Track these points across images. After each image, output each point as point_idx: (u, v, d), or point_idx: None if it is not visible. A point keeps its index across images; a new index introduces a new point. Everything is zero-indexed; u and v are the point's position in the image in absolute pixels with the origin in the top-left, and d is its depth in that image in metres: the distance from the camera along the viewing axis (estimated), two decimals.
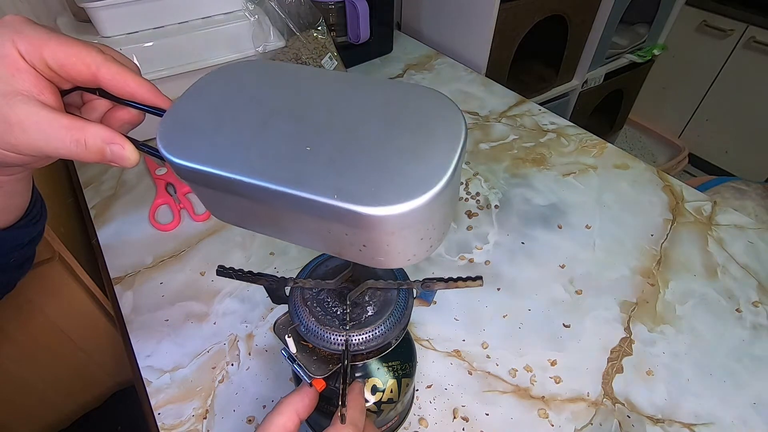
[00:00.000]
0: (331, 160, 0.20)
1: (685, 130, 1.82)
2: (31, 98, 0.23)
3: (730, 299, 0.51)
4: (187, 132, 0.23)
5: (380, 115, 0.22)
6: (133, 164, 0.25)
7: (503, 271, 0.54)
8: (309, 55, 0.70)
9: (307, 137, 0.22)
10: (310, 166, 0.20)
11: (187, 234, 0.58)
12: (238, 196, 0.22)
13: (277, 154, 0.21)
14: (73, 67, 0.24)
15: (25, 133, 0.23)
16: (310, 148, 0.21)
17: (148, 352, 0.46)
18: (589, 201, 0.63)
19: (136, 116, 0.28)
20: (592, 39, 1.15)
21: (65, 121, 0.23)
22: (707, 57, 1.62)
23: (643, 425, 0.41)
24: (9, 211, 0.32)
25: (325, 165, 0.20)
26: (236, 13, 0.70)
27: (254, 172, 0.20)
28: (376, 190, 0.19)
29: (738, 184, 1.11)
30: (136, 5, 0.62)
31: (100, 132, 0.24)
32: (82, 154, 0.24)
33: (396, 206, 0.18)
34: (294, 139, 0.22)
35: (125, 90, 0.25)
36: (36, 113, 0.23)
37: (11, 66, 0.23)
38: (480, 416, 0.42)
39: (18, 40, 0.23)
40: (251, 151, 0.21)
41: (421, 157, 0.20)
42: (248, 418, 0.41)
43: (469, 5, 0.92)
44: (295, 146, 0.21)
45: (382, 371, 0.34)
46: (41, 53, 0.23)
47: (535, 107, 0.81)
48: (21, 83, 0.23)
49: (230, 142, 0.22)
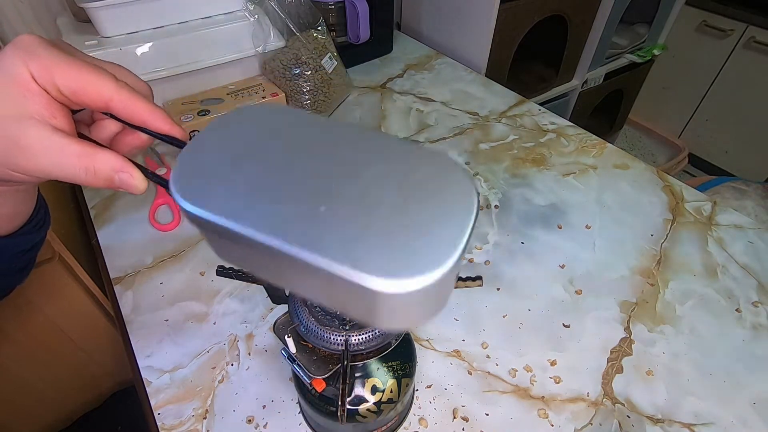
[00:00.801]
0: (344, 225, 0.20)
1: (685, 130, 1.82)
2: (43, 122, 0.23)
3: (730, 299, 0.51)
4: (202, 179, 0.22)
5: (393, 180, 0.22)
6: (141, 192, 0.25)
7: (503, 271, 0.54)
8: (309, 55, 0.70)
9: (322, 197, 0.21)
10: (324, 229, 0.20)
11: (187, 234, 0.58)
12: (247, 248, 0.21)
13: (292, 212, 0.21)
14: (86, 94, 0.23)
15: (36, 157, 0.23)
16: (325, 209, 0.21)
17: (148, 352, 0.46)
18: (589, 201, 0.63)
19: (146, 141, 0.28)
20: (592, 39, 1.15)
21: (76, 148, 0.23)
22: (707, 57, 1.62)
23: (642, 425, 0.41)
24: (13, 219, 0.32)
25: (339, 230, 0.20)
26: (236, 13, 0.70)
27: (269, 229, 0.20)
28: (388, 264, 0.19)
29: (738, 184, 1.11)
30: (136, 5, 0.62)
31: (110, 161, 0.24)
32: (91, 181, 0.24)
33: (407, 281, 0.19)
34: (309, 197, 0.22)
35: (137, 118, 0.25)
36: (47, 138, 0.23)
37: (23, 88, 0.22)
38: (480, 416, 0.42)
39: (31, 62, 0.22)
40: (266, 206, 0.21)
41: (433, 231, 0.20)
42: (248, 418, 0.41)
43: (469, 5, 0.92)
44: (310, 206, 0.21)
45: (382, 371, 0.34)
46: (53, 78, 0.22)
47: (535, 107, 0.81)
48: (33, 106, 0.23)
49: (245, 195, 0.22)
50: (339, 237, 0.20)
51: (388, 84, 0.88)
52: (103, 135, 0.28)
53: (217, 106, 0.68)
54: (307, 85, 0.70)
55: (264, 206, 0.21)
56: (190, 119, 0.65)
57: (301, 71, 0.70)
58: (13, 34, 0.72)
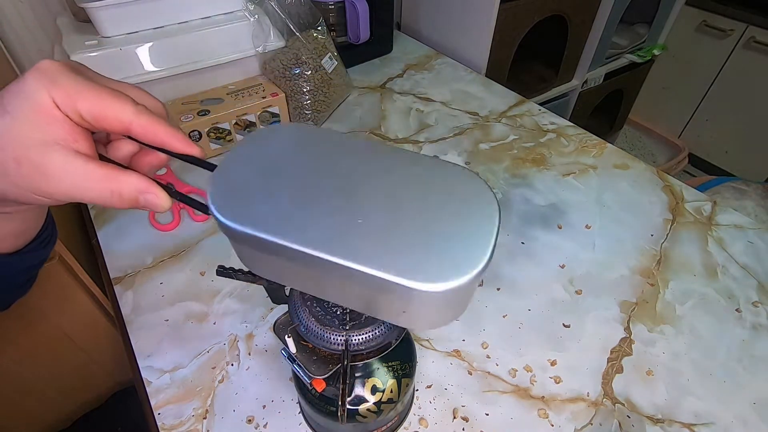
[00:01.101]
0: (381, 235, 0.22)
1: (685, 130, 1.82)
2: (67, 147, 0.23)
3: (730, 299, 0.51)
4: (239, 195, 0.23)
5: (421, 193, 0.24)
6: (166, 210, 0.26)
7: (503, 271, 0.54)
8: (309, 55, 0.70)
9: (356, 210, 0.23)
10: (363, 240, 0.22)
11: (187, 234, 0.58)
12: (285, 260, 0.23)
13: (331, 225, 0.22)
14: (106, 119, 0.24)
15: (61, 182, 0.23)
16: (362, 222, 0.22)
17: (148, 352, 0.46)
18: (589, 201, 0.63)
19: (164, 160, 0.28)
20: (592, 39, 1.15)
21: (100, 173, 0.24)
22: (707, 57, 1.62)
23: (642, 425, 0.41)
24: (21, 236, 0.32)
25: (377, 240, 0.22)
26: (236, 13, 0.70)
27: (311, 242, 0.21)
28: (426, 268, 0.21)
29: (738, 184, 1.11)
30: (136, 5, 0.62)
31: (135, 182, 0.24)
32: (116, 203, 0.24)
33: (444, 283, 0.20)
34: (344, 211, 0.23)
35: (156, 141, 0.25)
36: (71, 163, 0.23)
37: (47, 115, 0.23)
38: (480, 416, 0.42)
39: (53, 89, 0.23)
40: (306, 220, 0.22)
41: (463, 238, 0.22)
42: (248, 418, 0.41)
43: (468, 5, 0.92)
44: (347, 218, 0.23)
45: (382, 371, 0.34)
46: (75, 104, 0.23)
47: (535, 107, 0.81)
48: (57, 132, 0.23)
49: (283, 209, 0.23)
50: (377, 246, 0.22)
51: (388, 84, 0.88)
52: (120, 154, 0.28)
53: (217, 106, 0.68)
54: (307, 85, 0.70)
55: (304, 221, 0.22)
56: (190, 119, 0.65)
57: (301, 71, 0.70)
58: (13, 34, 0.72)
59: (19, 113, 0.23)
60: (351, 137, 0.28)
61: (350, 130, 0.76)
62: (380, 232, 0.22)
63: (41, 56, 0.75)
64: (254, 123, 0.71)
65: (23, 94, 0.23)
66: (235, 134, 0.70)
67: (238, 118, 0.69)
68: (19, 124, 0.23)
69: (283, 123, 0.28)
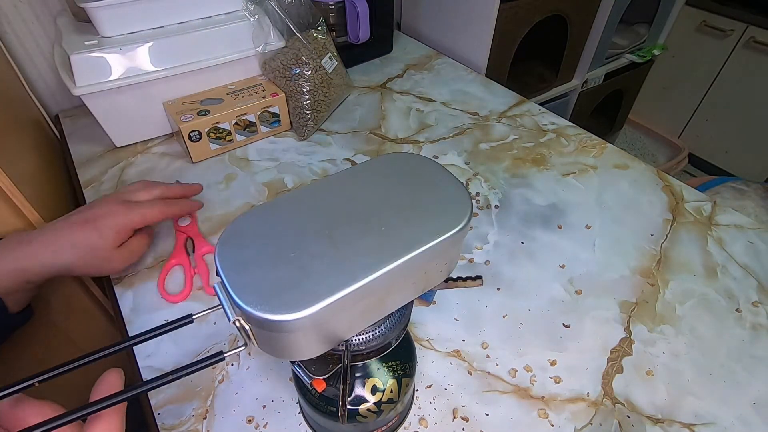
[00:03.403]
0: (390, 233, 0.27)
1: (685, 130, 1.82)
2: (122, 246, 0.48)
3: (730, 299, 0.51)
4: (263, 289, 0.24)
5: (391, 191, 0.30)
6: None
7: (503, 271, 0.54)
8: (309, 55, 0.70)
9: (338, 242, 0.26)
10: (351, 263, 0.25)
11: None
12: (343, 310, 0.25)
13: (363, 246, 0.26)
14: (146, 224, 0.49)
15: (114, 265, 0.49)
16: (384, 229, 0.27)
17: (148, 352, 0.46)
18: (589, 201, 0.63)
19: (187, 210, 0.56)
20: (592, 39, 1.15)
21: (135, 252, 0.51)
22: (707, 57, 1.62)
23: (642, 425, 0.41)
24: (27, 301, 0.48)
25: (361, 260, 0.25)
26: (236, 13, 0.70)
27: (334, 289, 0.24)
28: (442, 223, 0.27)
29: (738, 184, 1.11)
30: (136, 5, 0.62)
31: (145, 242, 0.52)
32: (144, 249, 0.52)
33: (462, 223, 0.27)
34: (330, 249, 0.26)
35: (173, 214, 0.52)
36: (121, 253, 0.48)
37: (125, 232, 0.48)
38: (480, 416, 0.42)
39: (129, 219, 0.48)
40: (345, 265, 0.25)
41: (445, 198, 0.29)
42: (248, 418, 0.41)
43: (469, 5, 0.92)
44: (332, 257, 0.26)
45: (382, 371, 0.34)
46: (142, 222, 0.48)
47: (535, 107, 0.81)
48: (122, 238, 0.48)
49: (296, 280, 0.24)
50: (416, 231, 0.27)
51: (388, 84, 0.88)
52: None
53: (217, 106, 0.68)
54: (307, 85, 0.70)
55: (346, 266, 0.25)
56: (190, 119, 0.65)
57: (301, 71, 0.70)
58: (13, 34, 0.72)
59: (105, 231, 0.46)
60: (324, 181, 0.31)
61: (350, 130, 0.76)
62: (384, 232, 0.27)
63: (41, 56, 0.75)
64: (254, 123, 0.71)
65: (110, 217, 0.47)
66: (235, 134, 0.70)
67: (238, 118, 0.69)
68: (103, 242, 0.45)
69: (242, 215, 0.29)
